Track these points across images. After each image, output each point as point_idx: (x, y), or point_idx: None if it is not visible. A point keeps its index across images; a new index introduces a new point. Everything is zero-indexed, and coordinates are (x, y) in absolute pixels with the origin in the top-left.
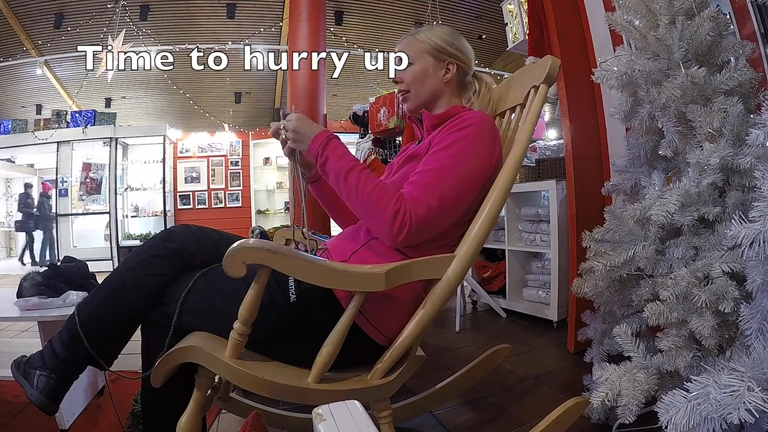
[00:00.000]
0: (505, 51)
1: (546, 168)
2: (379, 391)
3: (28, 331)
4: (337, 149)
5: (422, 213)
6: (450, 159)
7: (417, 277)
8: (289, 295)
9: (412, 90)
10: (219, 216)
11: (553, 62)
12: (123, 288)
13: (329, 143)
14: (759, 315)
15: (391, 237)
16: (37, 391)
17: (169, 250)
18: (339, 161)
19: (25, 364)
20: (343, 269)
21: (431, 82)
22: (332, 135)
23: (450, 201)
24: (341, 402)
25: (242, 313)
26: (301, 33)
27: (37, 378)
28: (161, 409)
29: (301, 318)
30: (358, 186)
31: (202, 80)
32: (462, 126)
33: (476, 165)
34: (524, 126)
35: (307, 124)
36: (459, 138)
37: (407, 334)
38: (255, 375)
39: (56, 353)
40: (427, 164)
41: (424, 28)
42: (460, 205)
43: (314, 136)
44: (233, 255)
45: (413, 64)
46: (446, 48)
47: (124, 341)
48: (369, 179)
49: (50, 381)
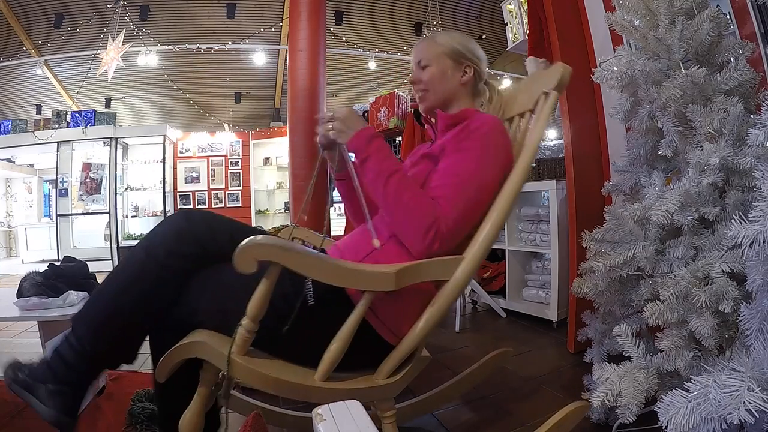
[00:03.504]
0: (505, 51)
1: (546, 168)
2: (384, 390)
3: (28, 331)
4: (381, 150)
5: (452, 227)
6: (472, 170)
7: (426, 277)
8: (307, 297)
9: (431, 89)
10: None
11: (565, 70)
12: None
13: (373, 141)
14: (759, 315)
15: (421, 248)
16: (55, 411)
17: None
18: (382, 162)
19: (26, 375)
20: (353, 268)
21: (449, 83)
22: (377, 134)
23: (473, 212)
24: (341, 402)
25: (251, 309)
26: (301, 33)
27: (48, 394)
28: (173, 406)
29: (314, 317)
30: (397, 192)
31: (202, 80)
32: (479, 133)
33: (495, 173)
34: (534, 131)
35: (356, 117)
36: (478, 147)
37: (415, 334)
38: (262, 372)
39: (68, 363)
40: (450, 175)
41: (441, 33)
42: (480, 213)
43: (359, 131)
44: (244, 251)
45: (431, 66)
46: (464, 53)
47: (144, 336)
48: (409, 187)
49: (66, 396)
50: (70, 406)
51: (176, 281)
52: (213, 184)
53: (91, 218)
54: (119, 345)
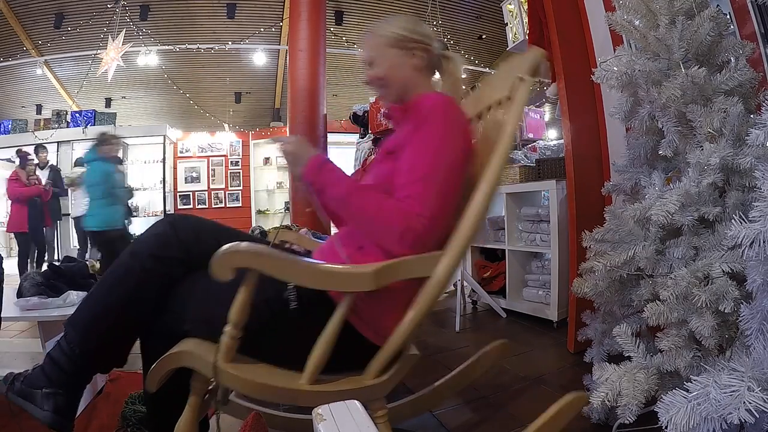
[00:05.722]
0: (505, 51)
1: (546, 168)
2: (372, 390)
3: (28, 331)
4: (330, 175)
5: (428, 224)
6: (432, 159)
7: (406, 275)
8: (289, 301)
9: (386, 85)
10: (219, 216)
11: (540, 54)
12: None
13: (321, 171)
14: (759, 315)
15: (404, 251)
16: (50, 413)
17: (173, 249)
18: (334, 188)
19: (22, 384)
20: (328, 269)
21: (401, 72)
22: (323, 160)
23: (446, 199)
24: (341, 402)
25: (233, 315)
26: (301, 33)
27: (44, 398)
28: (163, 412)
29: (298, 321)
30: (361, 210)
31: (202, 80)
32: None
33: (456, 152)
34: (510, 117)
35: (303, 148)
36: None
37: (400, 333)
38: (247, 378)
39: (60, 366)
40: (412, 170)
41: (382, 24)
42: (454, 196)
43: (308, 162)
44: (220, 259)
45: (378, 61)
46: (408, 35)
47: (132, 340)
48: (369, 200)
49: (59, 398)
50: (64, 408)
51: (160, 284)
52: (213, 184)
53: None
54: (107, 346)
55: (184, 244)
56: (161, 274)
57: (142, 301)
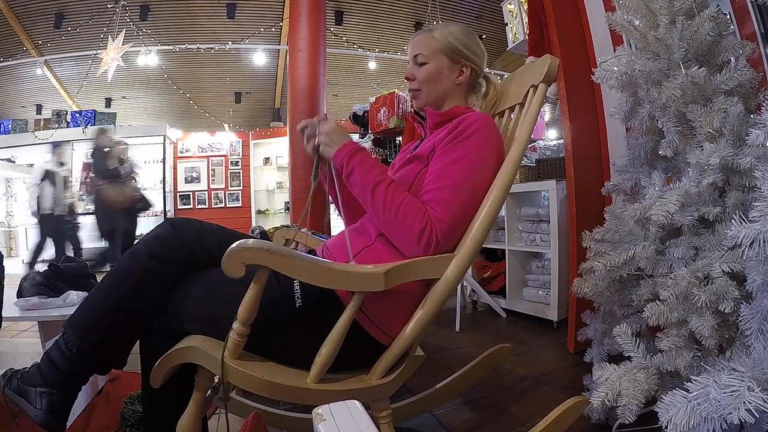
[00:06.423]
0: (505, 51)
1: (546, 168)
2: (378, 391)
3: (28, 331)
4: (364, 162)
5: (446, 231)
6: (465, 172)
7: (416, 277)
8: (295, 299)
9: (424, 90)
10: (219, 216)
11: (552, 61)
12: (127, 285)
13: (356, 155)
14: (759, 315)
15: (417, 252)
16: (42, 412)
17: (174, 250)
18: (365, 175)
19: (19, 381)
20: (341, 269)
21: (444, 84)
22: (359, 147)
23: (468, 214)
24: (341, 402)
25: (241, 313)
26: (301, 33)
27: (38, 396)
28: (162, 411)
29: (304, 320)
30: (385, 202)
31: (202, 80)
32: (469, 133)
33: (487, 173)
34: (523, 125)
35: (340, 132)
36: (469, 149)
37: (407, 334)
38: (254, 375)
39: (56, 366)
40: (444, 178)
41: (440, 26)
42: (474, 212)
43: (342, 145)
44: (232, 255)
45: (427, 64)
46: (462, 50)
47: (131, 341)
48: (396, 195)
49: (53, 398)
50: (57, 408)
51: (160, 285)
52: (213, 184)
53: (92, 218)
54: (105, 346)
55: (185, 246)
56: (162, 275)
57: (142, 301)
